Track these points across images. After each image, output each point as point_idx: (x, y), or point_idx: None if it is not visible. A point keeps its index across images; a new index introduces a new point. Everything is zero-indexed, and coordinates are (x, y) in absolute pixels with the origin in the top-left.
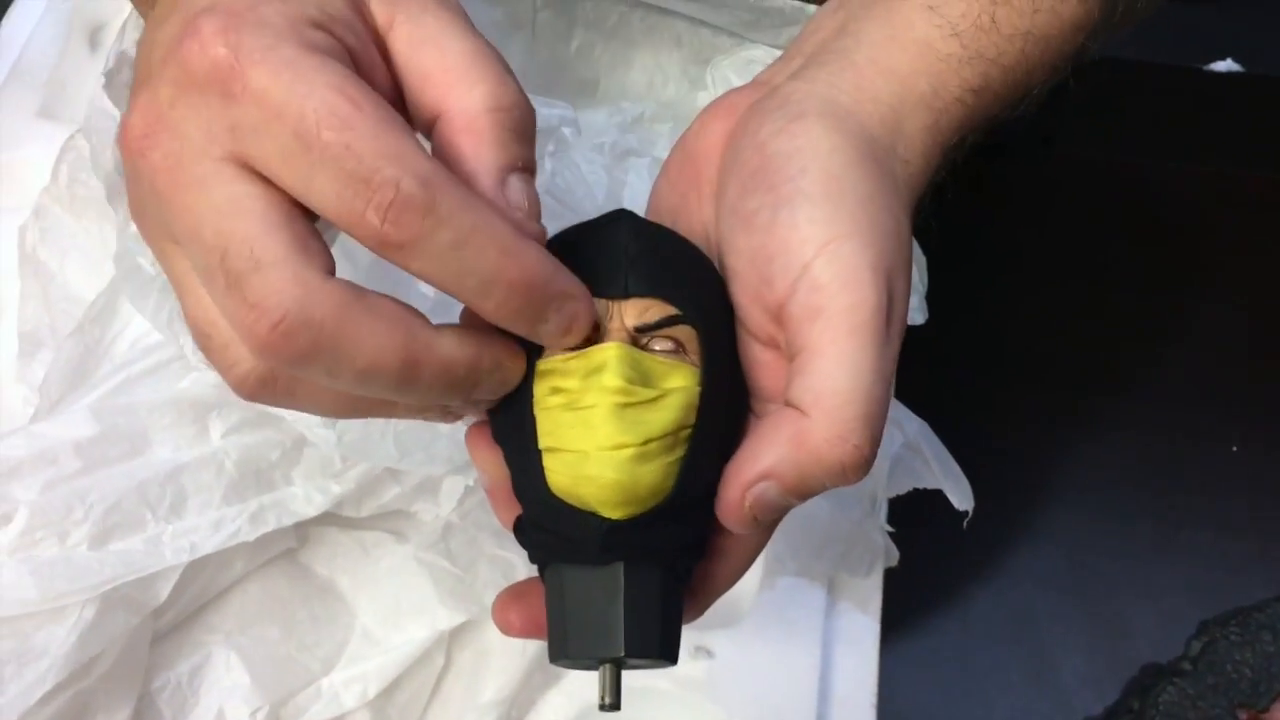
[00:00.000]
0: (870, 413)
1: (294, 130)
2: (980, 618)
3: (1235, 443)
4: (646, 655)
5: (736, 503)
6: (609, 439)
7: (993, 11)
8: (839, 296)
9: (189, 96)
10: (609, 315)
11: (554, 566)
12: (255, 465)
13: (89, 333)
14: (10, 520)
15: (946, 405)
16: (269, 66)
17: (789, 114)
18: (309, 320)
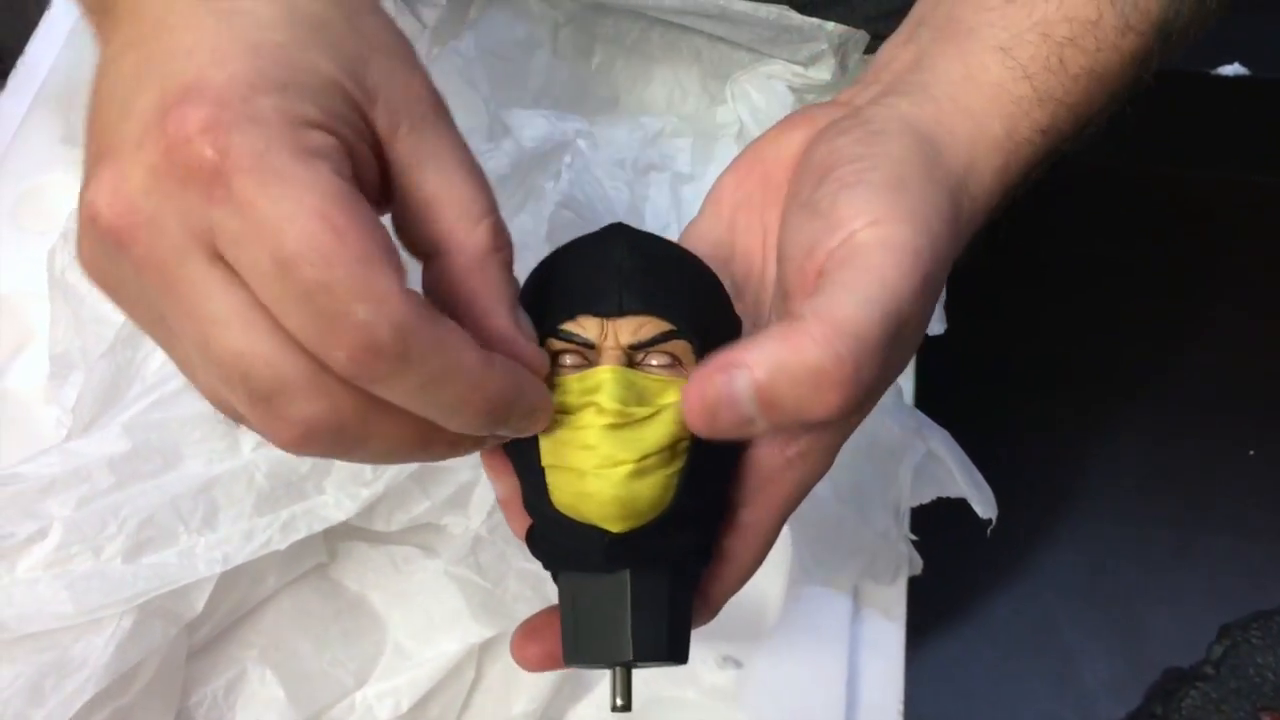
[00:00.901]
0: (863, 347)
1: (272, 255)
2: (1003, 625)
3: (1252, 448)
4: (654, 658)
5: (699, 389)
6: (606, 458)
7: (1060, 53)
8: (872, 253)
9: (166, 187)
10: (604, 334)
11: (564, 574)
12: (286, 477)
13: (120, 354)
14: (46, 536)
15: (967, 415)
16: (256, 176)
17: (870, 130)
18: (335, 425)
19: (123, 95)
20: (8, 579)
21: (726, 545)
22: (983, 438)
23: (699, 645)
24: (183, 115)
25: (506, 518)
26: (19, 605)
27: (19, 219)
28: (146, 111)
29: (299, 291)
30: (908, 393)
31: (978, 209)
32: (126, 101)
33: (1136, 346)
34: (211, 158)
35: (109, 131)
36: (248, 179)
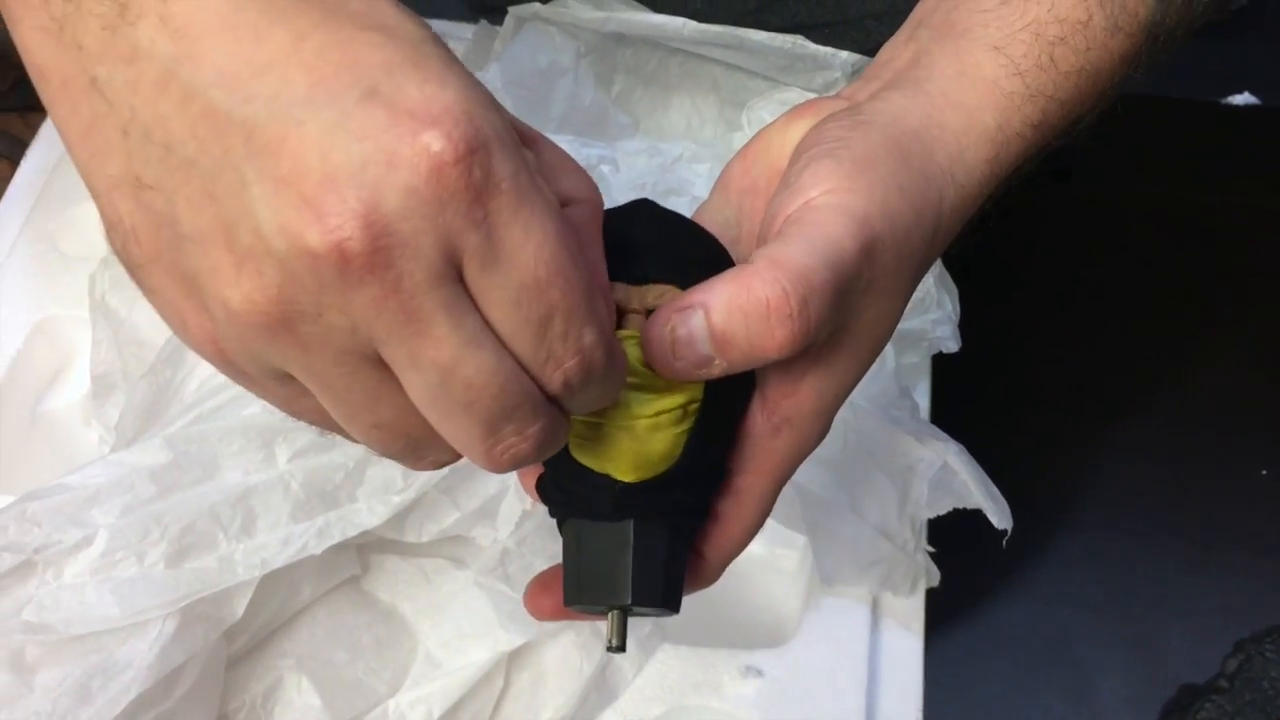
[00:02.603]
0: (806, 284)
1: (521, 279)
2: (1019, 639)
3: (1264, 465)
4: (651, 604)
5: (657, 330)
6: (625, 411)
7: (1051, 51)
8: (821, 214)
9: (427, 210)
10: (628, 299)
11: (571, 521)
12: (320, 487)
13: (160, 374)
14: (92, 543)
15: (982, 431)
16: (513, 199)
17: (858, 119)
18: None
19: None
20: (56, 584)
21: (722, 509)
22: (997, 455)
23: (721, 654)
24: (448, 134)
25: (518, 474)
26: (67, 609)
27: (60, 245)
28: (380, 132)
29: (540, 315)
30: (924, 408)
31: (967, 196)
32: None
33: (1149, 366)
34: (478, 179)
35: (315, 154)
36: (505, 201)
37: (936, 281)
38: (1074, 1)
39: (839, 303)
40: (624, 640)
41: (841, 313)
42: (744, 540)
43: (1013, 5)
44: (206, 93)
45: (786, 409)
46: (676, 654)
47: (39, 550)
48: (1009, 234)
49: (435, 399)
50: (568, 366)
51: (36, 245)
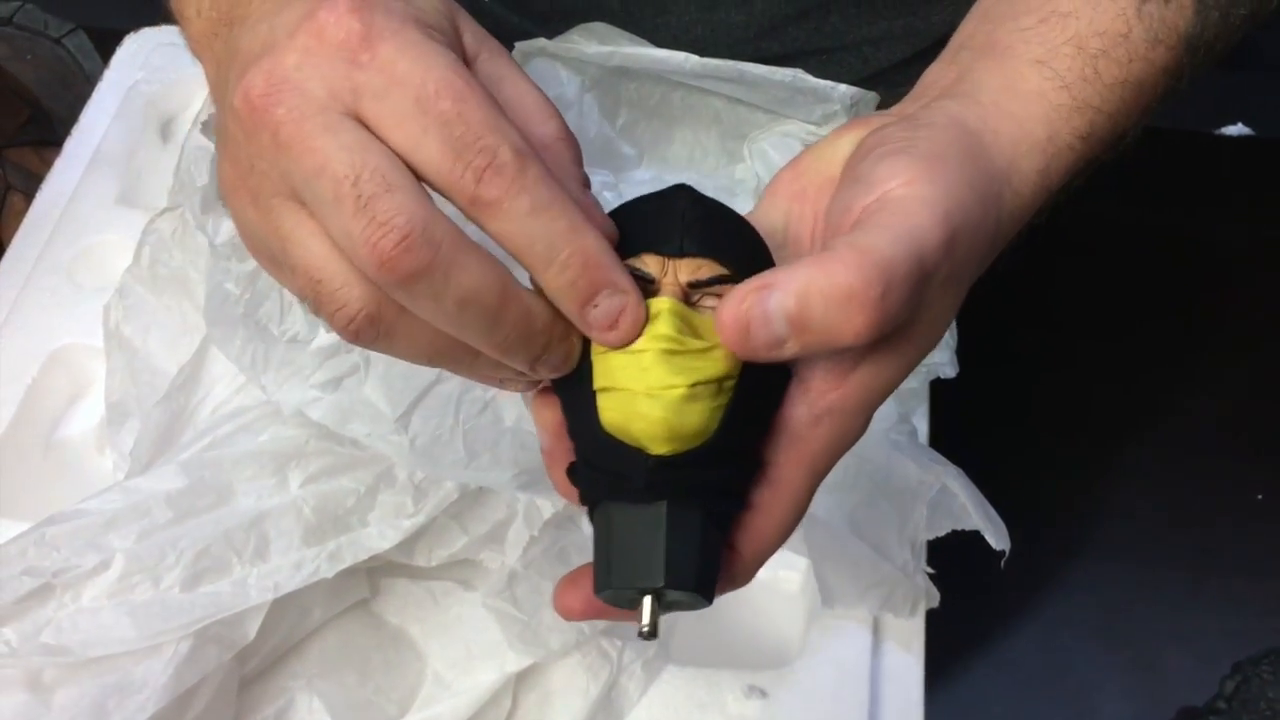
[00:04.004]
0: (889, 277)
1: (415, 96)
2: (1020, 663)
3: (1261, 491)
4: (683, 587)
5: (735, 304)
6: (659, 380)
7: (1094, 64)
8: (902, 204)
9: (316, 60)
10: (664, 271)
11: (602, 506)
12: (332, 511)
13: (175, 400)
14: (109, 567)
15: (980, 457)
16: (396, 43)
17: (918, 122)
18: (431, 238)
19: (268, 22)
20: (74, 607)
21: (757, 499)
22: (995, 480)
23: (725, 675)
24: (332, 5)
25: (548, 468)
26: (84, 631)
27: (75, 276)
28: (298, 14)
29: (437, 122)
30: (922, 432)
31: (1021, 205)
32: (274, 21)
33: (1145, 393)
34: (359, 29)
35: (258, 44)
36: (390, 44)
37: None
38: (1113, 16)
39: (917, 295)
40: (656, 625)
41: (916, 306)
42: (779, 534)
43: (1052, 22)
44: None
45: (831, 400)
46: (681, 674)
47: (57, 574)
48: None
49: (333, 204)
50: (476, 165)
51: (51, 277)
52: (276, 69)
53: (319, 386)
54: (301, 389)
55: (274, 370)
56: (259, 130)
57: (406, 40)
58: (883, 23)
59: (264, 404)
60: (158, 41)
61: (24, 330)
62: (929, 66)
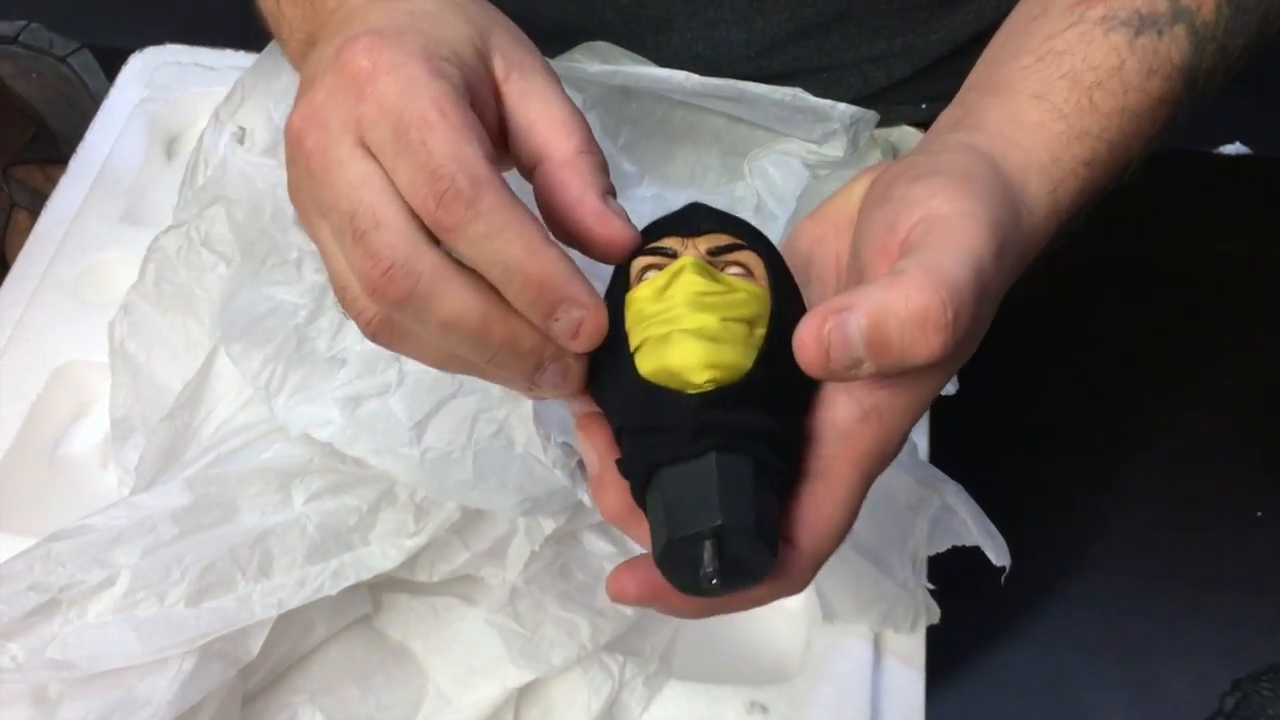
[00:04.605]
0: (959, 295)
1: (393, 127)
2: (1019, 678)
3: (1260, 508)
4: (741, 527)
5: (817, 326)
6: (695, 321)
7: (1090, 95)
8: (953, 221)
9: (336, 95)
10: (684, 246)
11: (654, 478)
12: (335, 529)
13: (179, 417)
14: (114, 583)
15: (980, 474)
16: (394, 77)
17: (935, 151)
18: (411, 270)
19: (320, 52)
20: (80, 623)
21: (810, 490)
22: (995, 496)
23: (727, 690)
24: (353, 44)
25: (597, 496)
26: (90, 646)
27: (80, 293)
28: (333, 52)
29: (408, 151)
30: (922, 449)
31: (1035, 225)
32: (320, 54)
33: (1145, 410)
34: (367, 66)
35: (308, 74)
36: (387, 79)
37: None
38: (1106, 51)
39: (980, 312)
40: (719, 570)
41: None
42: (833, 530)
43: (1048, 60)
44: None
45: (879, 398)
46: (683, 690)
47: (63, 590)
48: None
49: (339, 234)
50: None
51: (56, 294)
52: (311, 102)
53: (340, 404)
54: (319, 408)
55: (288, 392)
56: (297, 158)
57: (402, 74)
58: (882, 42)
59: (268, 421)
60: (162, 60)
61: (28, 347)
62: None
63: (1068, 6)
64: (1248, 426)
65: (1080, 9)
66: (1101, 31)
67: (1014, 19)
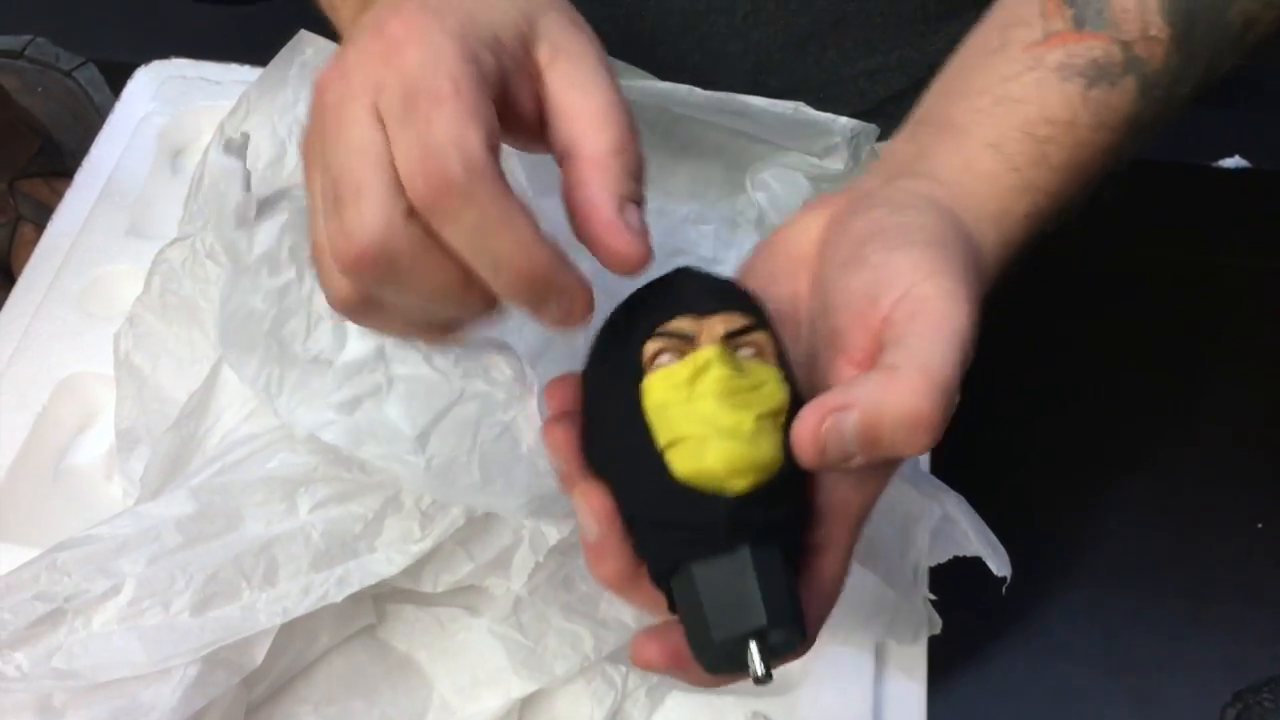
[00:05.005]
0: (948, 394)
1: (404, 94)
2: (1019, 689)
3: (1261, 520)
4: (784, 623)
5: (814, 425)
6: (728, 419)
7: (1042, 148)
8: (937, 304)
9: (365, 58)
10: (700, 328)
11: (682, 570)
12: (340, 537)
13: (184, 427)
14: (119, 591)
15: (981, 484)
16: (420, 49)
17: (899, 204)
18: (387, 249)
19: (364, 24)
20: (85, 631)
21: (815, 563)
22: (996, 509)
23: (729, 701)
24: (396, 14)
25: (594, 561)
26: (95, 655)
27: (85, 305)
28: (374, 20)
29: (411, 122)
30: (924, 460)
31: (988, 275)
32: (366, 25)
33: (1146, 422)
34: (399, 35)
35: (348, 42)
36: (415, 49)
37: None
38: (1061, 102)
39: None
40: (769, 667)
41: None
42: (839, 590)
43: (1006, 105)
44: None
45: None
46: (685, 701)
47: (68, 599)
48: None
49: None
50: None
51: (62, 306)
52: (342, 59)
53: (336, 408)
54: (317, 411)
55: (288, 393)
56: (315, 109)
57: (430, 48)
58: (879, 56)
59: (273, 430)
60: (168, 74)
61: (34, 358)
62: (890, 140)
63: (1025, 46)
64: (1248, 438)
65: (1038, 51)
66: (1057, 80)
67: (970, 49)
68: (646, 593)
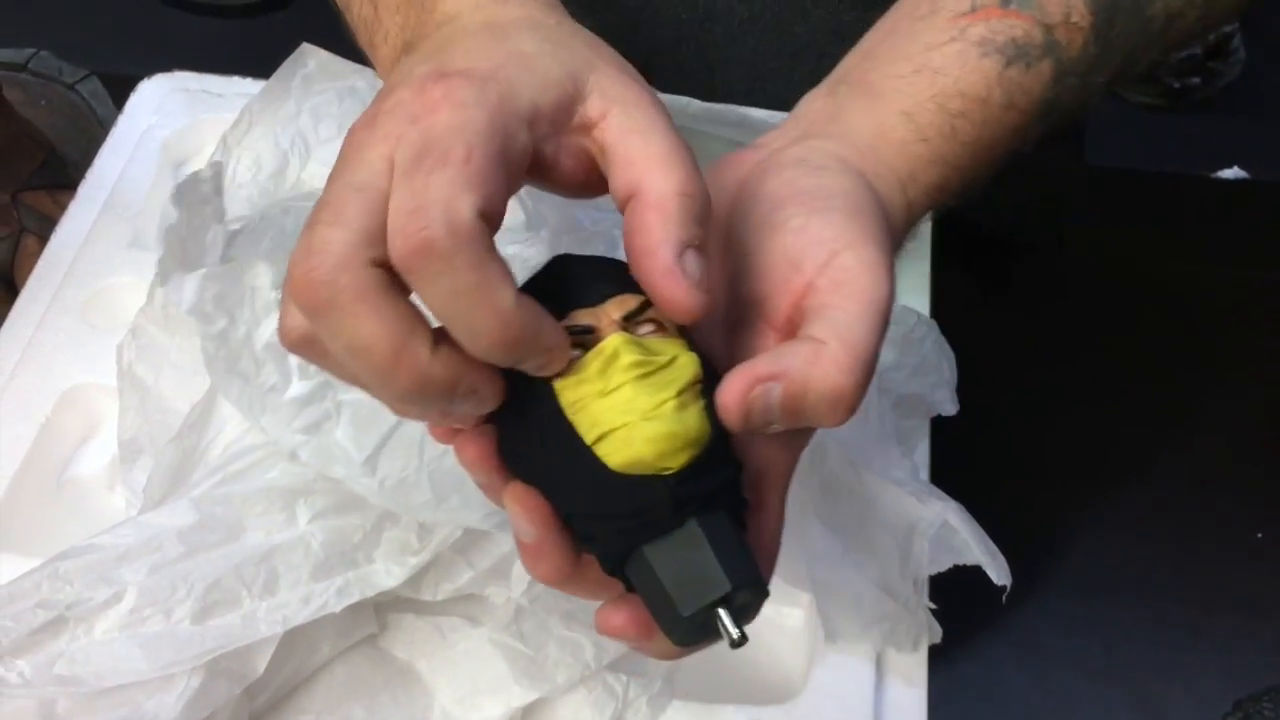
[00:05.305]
0: (869, 369)
1: (417, 151)
2: (1020, 698)
3: (1260, 529)
4: (747, 583)
5: (741, 392)
6: (650, 402)
7: (953, 122)
8: (861, 276)
9: (398, 110)
10: (597, 317)
11: (635, 556)
12: (340, 547)
13: (187, 439)
14: (121, 599)
15: (981, 493)
16: (450, 114)
17: (813, 165)
18: (332, 281)
19: (410, 67)
20: (87, 639)
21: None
22: (996, 517)
23: (730, 710)
24: (440, 78)
25: (536, 560)
26: (97, 663)
27: (88, 317)
28: (423, 74)
29: (412, 179)
30: (923, 469)
31: (897, 242)
32: (412, 69)
33: (1144, 432)
34: (437, 98)
35: (393, 83)
36: (446, 114)
37: (934, 346)
38: (976, 78)
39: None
40: (743, 631)
41: None
42: (777, 548)
43: (924, 75)
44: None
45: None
46: (686, 710)
47: (70, 607)
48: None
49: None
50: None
51: (65, 317)
52: (379, 105)
53: (301, 431)
54: (290, 433)
55: (269, 414)
56: (341, 152)
57: (460, 114)
58: None
59: (272, 442)
60: (171, 87)
61: (38, 369)
62: (808, 95)
63: (952, 16)
64: (1247, 448)
65: (963, 23)
66: (976, 55)
67: (900, 11)
68: (590, 583)
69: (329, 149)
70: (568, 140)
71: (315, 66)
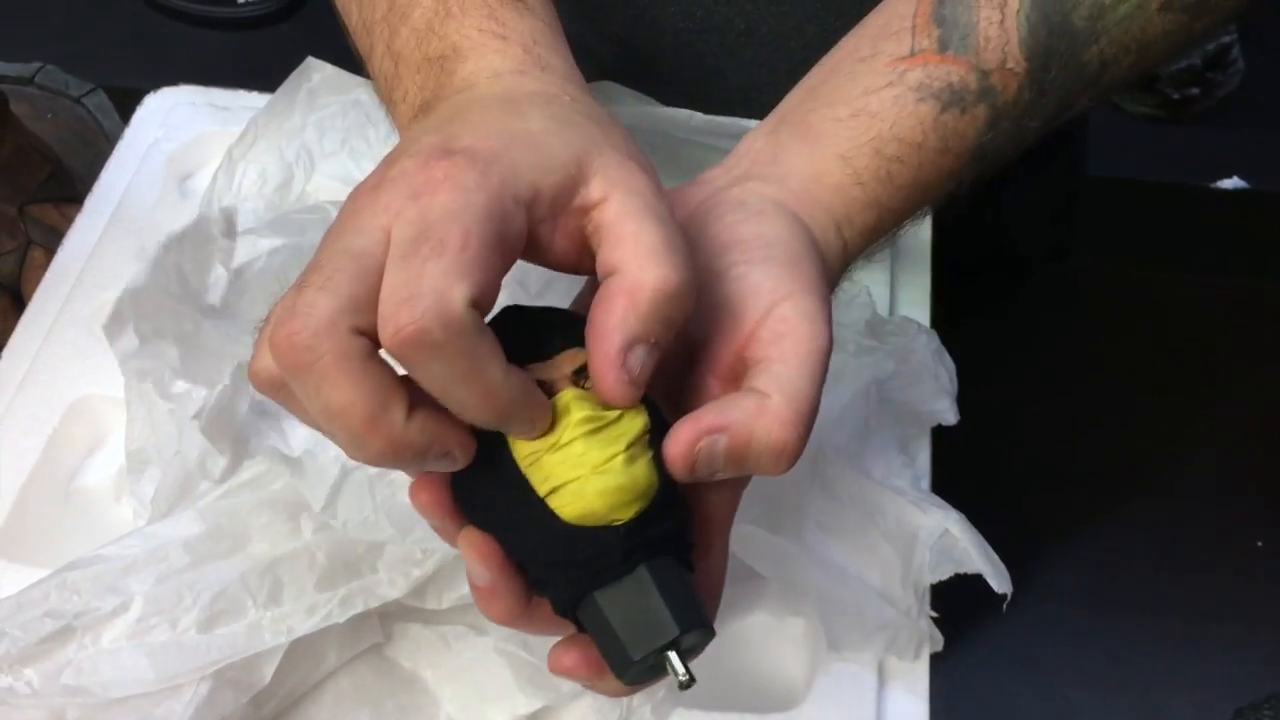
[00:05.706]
0: (810, 421)
1: (415, 233)
2: (1021, 706)
3: (1260, 538)
4: (694, 626)
5: (688, 444)
6: (600, 456)
7: (888, 167)
8: (799, 328)
9: (401, 182)
10: (549, 371)
11: (586, 601)
12: (344, 557)
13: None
14: (127, 610)
15: (982, 502)
16: (451, 196)
17: (752, 210)
18: (313, 345)
19: (419, 135)
20: (94, 648)
21: (699, 565)
22: (997, 526)
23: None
24: (445, 155)
25: (485, 604)
26: (104, 672)
27: (95, 329)
28: (429, 147)
29: (408, 265)
30: (924, 478)
31: (833, 285)
32: (419, 139)
33: (1146, 442)
34: (439, 177)
35: (401, 149)
36: (443, 195)
37: (934, 356)
38: (912, 124)
39: None
40: (691, 672)
41: None
42: (722, 589)
43: (861, 119)
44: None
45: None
46: (690, 719)
47: (78, 616)
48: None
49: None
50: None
51: (72, 329)
52: (384, 173)
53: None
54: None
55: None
56: (340, 213)
57: (460, 197)
58: None
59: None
60: (176, 101)
61: (45, 381)
62: (752, 131)
63: (891, 60)
64: (1248, 458)
65: (901, 66)
66: (913, 100)
67: (843, 51)
68: (542, 622)
69: (334, 162)
70: (565, 221)
71: (320, 80)
